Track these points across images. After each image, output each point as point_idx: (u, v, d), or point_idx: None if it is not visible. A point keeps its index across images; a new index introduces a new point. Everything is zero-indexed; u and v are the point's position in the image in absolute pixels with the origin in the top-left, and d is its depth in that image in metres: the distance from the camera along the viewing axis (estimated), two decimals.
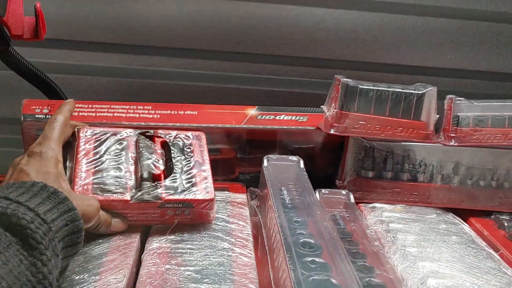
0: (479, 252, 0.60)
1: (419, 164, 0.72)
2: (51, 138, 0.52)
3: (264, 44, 0.98)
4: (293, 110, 0.76)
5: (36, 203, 0.40)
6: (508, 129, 0.69)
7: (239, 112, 0.73)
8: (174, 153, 0.59)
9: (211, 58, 0.98)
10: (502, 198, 0.71)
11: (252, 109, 0.75)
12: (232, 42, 0.97)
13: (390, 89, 0.70)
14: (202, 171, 0.58)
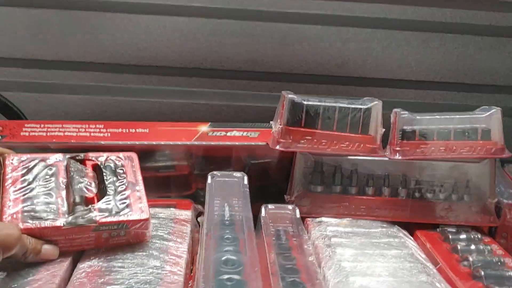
0: (415, 266, 0.60)
1: (367, 177, 0.73)
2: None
3: (231, 60, 0.99)
4: (246, 126, 0.77)
5: None
6: (452, 141, 0.70)
7: (191, 129, 0.75)
8: (106, 175, 0.61)
9: (179, 74, 1.00)
10: (448, 210, 0.71)
11: (204, 126, 0.76)
12: (199, 58, 0.99)
13: (337, 105, 0.71)
14: (136, 191, 0.60)
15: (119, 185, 0.60)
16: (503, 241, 0.73)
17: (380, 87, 1.05)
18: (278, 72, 1.04)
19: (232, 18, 0.98)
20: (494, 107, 0.71)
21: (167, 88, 1.02)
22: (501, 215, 0.73)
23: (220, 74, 1.02)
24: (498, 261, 0.63)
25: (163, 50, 0.99)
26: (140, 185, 0.61)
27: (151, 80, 1.02)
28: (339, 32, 1.00)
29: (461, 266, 0.62)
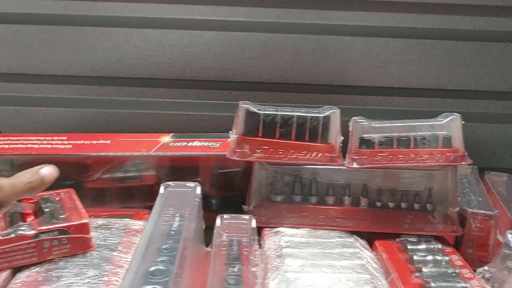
0: (362, 277, 0.59)
1: (327, 187, 0.72)
2: None
3: (210, 70, 1.00)
4: (209, 137, 0.78)
5: None
6: (412, 149, 0.68)
7: (152, 140, 0.76)
8: (43, 203, 0.62)
9: (159, 86, 1.01)
10: (410, 220, 0.69)
11: (167, 136, 0.77)
12: (178, 69, 0.99)
13: (294, 113, 0.71)
14: (73, 207, 0.61)
15: (58, 206, 0.61)
16: (470, 251, 0.71)
17: (362, 95, 1.03)
18: (259, 81, 1.03)
19: (209, 29, 0.98)
20: (454, 114, 0.69)
21: (148, 99, 1.03)
22: (466, 224, 0.71)
23: (200, 85, 1.02)
24: (453, 273, 0.61)
25: (143, 62, 1.00)
26: (78, 202, 0.62)
27: (133, 92, 1.03)
28: (318, 40, 1.00)
29: (413, 278, 0.61)
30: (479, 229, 0.70)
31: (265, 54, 0.99)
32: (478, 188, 0.80)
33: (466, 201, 0.75)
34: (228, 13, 0.95)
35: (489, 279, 0.62)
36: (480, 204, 0.73)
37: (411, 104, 1.04)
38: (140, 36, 0.98)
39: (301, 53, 1.00)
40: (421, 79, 1.01)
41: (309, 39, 0.99)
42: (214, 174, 0.82)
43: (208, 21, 0.96)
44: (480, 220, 0.70)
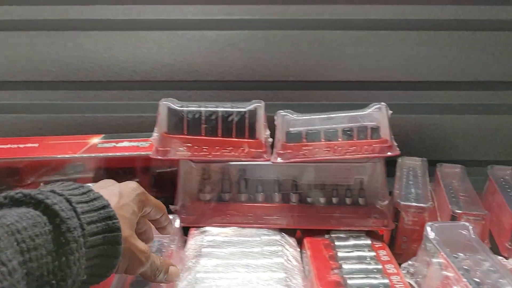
0: (275, 276, 0.56)
1: (256, 184, 0.69)
2: (151, 201, 0.53)
3: (160, 71, 0.98)
4: (139, 136, 0.76)
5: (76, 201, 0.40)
6: (339, 142, 0.66)
7: (81, 142, 0.74)
8: None
9: (112, 88, 1.00)
10: (339, 215, 0.67)
11: (97, 138, 0.75)
12: (129, 71, 0.98)
13: (218, 109, 0.69)
14: None
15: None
16: (404, 245, 0.68)
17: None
18: (211, 80, 1.01)
19: (158, 29, 0.97)
20: (381, 104, 0.66)
21: (101, 102, 1.02)
22: (399, 218, 0.68)
23: (152, 86, 1.01)
24: (374, 268, 0.58)
25: (93, 65, 0.99)
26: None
27: (85, 95, 1.02)
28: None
29: (331, 275, 0.58)
30: (412, 223, 0.67)
31: (214, 53, 0.97)
32: (421, 181, 0.77)
33: (405, 194, 0.72)
34: (177, 12, 0.93)
35: (413, 273, 0.59)
36: (417, 196, 0.70)
37: (368, 97, 1.01)
38: (89, 39, 0.97)
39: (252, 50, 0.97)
40: (376, 72, 0.98)
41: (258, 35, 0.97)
42: (153, 175, 0.80)
43: (159, 21, 0.95)
44: (413, 213, 0.67)
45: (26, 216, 0.36)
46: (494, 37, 0.96)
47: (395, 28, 0.96)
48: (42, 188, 0.40)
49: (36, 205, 0.37)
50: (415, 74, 0.97)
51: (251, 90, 0.99)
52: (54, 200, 0.38)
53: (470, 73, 0.97)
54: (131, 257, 0.47)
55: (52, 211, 0.37)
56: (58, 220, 0.37)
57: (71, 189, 0.41)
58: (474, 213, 0.67)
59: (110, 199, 0.44)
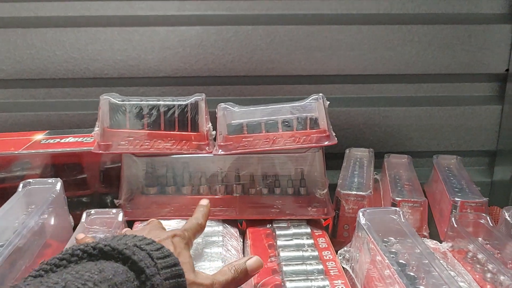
0: (213, 265, 0.58)
1: (200, 176, 0.70)
2: (192, 234, 0.56)
3: (113, 68, 0.98)
4: (85, 132, 0.76)
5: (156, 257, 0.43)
6: (279, 133, 0.67)
7: (24, 138, 0.74)
8: None
9: (64, 85, 0.99)
10: (281, 205, 0.68)
11: (41, 134, 0.75)
12: (81, 68, 0.97)
13: (160, 102, 0.69)
14: None
15: None
16: (346, 233, 0.70)
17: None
18: (165, 76, 1.01)
19: (111, 25, 0.97)
20: (318, 94, 0.67)
21: (54, 100, 1.01)
22: (340, 207, 0.69)
23: (104, 83, 1.00)
24: (310, 255, 0.59)
25: (44, 62, 0.98)
26: None
27: (37, 93, 1.01)
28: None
29: (268, 262, 0.59)
30: (353, 211, 0.68)
31: (166, 48, 0.97)
32: (367, 170, 0.79)
33: (347, 183, 0.73)
34: (128, 8, 0.93)
35: (349, 259, 0.60)
36: (359, 185, 0.72)
37: (319, 91, 1.02)
38: (40, 37, 0.96)
39: (204, 45, 0.98)
40: (327, 66, 0.99)
41: (210, 31, 0.97)
42: (101, 170, 0.80)
43: (108, 18, 0.95)
44: (353, 201, 0.68)
45: (118, 271, 0.38)
46: (440, 31, 0.98)
47: (346, 23, 0.98)
48: (125, 240, 0.43)
49: (124, 260, 0.40)
50: (365, 67, 0.99)
51: (204, 85, 1.00)
52: (140, 257, 0.41)
53: (417, 67, 0.99)
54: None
55: (139, 267, 0.40)
56: (143, 276, 0.40)
57: (148, 244, 0.44)
58: (412, 200, 0.69)
59: (169, 249, 0.47)
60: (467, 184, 0.76)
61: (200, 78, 0.99)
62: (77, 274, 0.36)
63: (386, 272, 0.49)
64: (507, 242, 0.60)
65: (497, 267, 0.55)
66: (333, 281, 0.53)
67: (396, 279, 0.46)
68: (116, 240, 0.43)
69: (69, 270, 0.37)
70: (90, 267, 0.38)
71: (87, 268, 0.38)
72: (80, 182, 0.79)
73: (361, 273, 0.55)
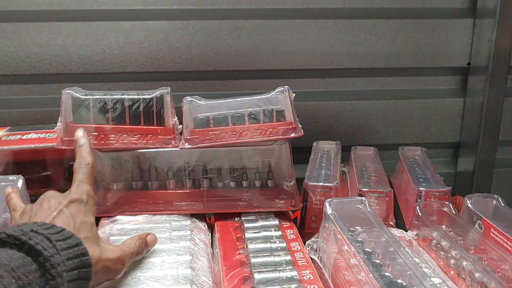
0: (181, 259, 0.57)
1: (167, 171, 0.69)
2: (87, 183, 0.54)
3: (76, 63, 0.96)
4: (47, 128, 0.74)
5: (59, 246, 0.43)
6: (245, 125, 0.67)
7: None
8: None
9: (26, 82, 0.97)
10: (248, 198, 0.68)
11: (1, 131, 0.73)
12: (42, 64, 0.95)
13: (124, 96, 0.68)
14: None
15: None
16: (314, 225, 0.70)
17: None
18: (136, 71, 1.00)
19: (74, 20, 0.95)
20: (284, 87, 0.67)
21: (16, 97, 0.98)
22: (307, 199, 0.69)
23: (66, 78, 0.98)
24: (278, 247, 0.59)
25: (8, 57, 0.95)
26: None
27: None
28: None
29: (236, 255, 0.59)
30: (320, 202, 0.69)
31: (136, 42, 0.96)
32: (334, 162, 0.79)
33: (315, 175, 0.74)
34: (92, 2, 0.91)
35: (316, 249, 0.60)
36: (326, 177, 0.72)
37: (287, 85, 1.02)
38: None
39: (170, 40, 0.97)
40: (294, 61, 0.99)
41: (176, 25, 0.96)
42: (65, 167, 0.78)
43: (71, 12, 0.93)
44: (320, 193, 0.69)
45: (13, 257, 0.39)
46: (404, 25, 1.00)
47: (312, 17, 0.98)
48: (22, 227, 0.42)
49: (20, 246, 0.40)
50: (332, 62, 0.99)
51: (170, 81, 0.99)
52: (36, 240, 0.41)
53: (382, 61, 1.01)
54: (108, 271, 0.50)
55: (35, 251, 0.40)
56: (41, 258, 0.40)
57: (47, 228, 0.44)
58: (379, 190, 0.69)
59: (68, 225, 0.47)
60: (431, 175, 0.77)
61: (167, 73, 0.98)
62: None
63: (353, 261, 0.50)
64: (469, 229, 0.62)
65: (459, 253, 0.56)
66: (301, 271, 0.54)
67: (362, 266, 0.46)
68: (13, 227, 0.43)
69: None
70: None
71: None
72: (44, 179, 0.77)
73: (329, 262, 0.56)
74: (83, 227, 0.49)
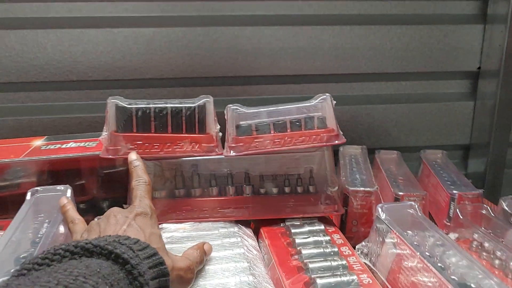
0: (239, 266, 0.58)
1: (210, 178, 0.70)
2: (148, 198, 0.56)
3: (97, 69, 0.96)
4: (85, 136, 0.74)
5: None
6: (288, 133, 0.68)
7: (23, 145, 0.71)
8: None
9: (45, 89, 0.96)
10: (293, 204, 0.69)
11: (39, 140, 0.72)
12: (63, 70, 0.94)
13: (167, 105, 0.68)
14: None
15: None
16: (354, 229, 0.72)
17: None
18: (150, 78, 1.00)
19: (94, 27, 0.94)
20: (325, 94, 0.69)
21: (36, 104, 0.97)
22: (348, 203, 0.71)
23: (88, 85, 0.98)
24: (331, 251, 0.61)
25: (23, 65, 0.94)
26: None
27: (16, 97, 0.97)
28: (207, 32, 0.98)
29: (292, 260, 0.60)
30: (361, 206, 0.71)
31: (157, 49, 0.96)
32: (364, 167, 0.81)
33: (351, 180, 0.75)
34: (112, 9, 0.91)
35: (367, 253, 0.62)
36: (363, 182, 0.74)
37: (304, 90, 1.04)
38: (19, 38, 0.92)
39: (190, 46, 0.97)
40: (311, 66, 1.01)
41: (196, 32, 0.97)
42: (100, 175, 0.78)
43: (91, 19, 0.92)
44: (361, 197, 0.70)
45: (103, 265, 0.39)
46: (417, 31, 1.03)
47: (328, 23, 1.00)
48: (106, 238, 0.44)
49: (106, 256, 0.41)
50: (348, 67, 1.02)
51: (190, 87, 1.00)
52: (122, 249, 0.42)
53: (396, 65, 1.03)
54: (181, 280, 0.51)
55: (123, 259, 0.41)
56: (129, 266, 0.41)
57: (126, 239, 0.45)
58: (415, 194, 0.72)
59: (139, 236, 0.48)
60: (457, 177, 0.80)
61: (186, 79, 0.99)
62: (65, 271, 0.37)
63: (414, 264, 0.51)
64: (508, 229, 0.64)
65: (506, 254, 0.58)
66: (359, 275, 0.55)
67: (432, 269, 0.48)
68: (96, 238, 0.44)
69: (56, 268, 0.38)
70: (76, 264, 0.39)
71: (74, 265, 0.38)
72: (79, 188, 0.77)
73: (384, 266, 0.57)
74: (153, 238, 0.50)
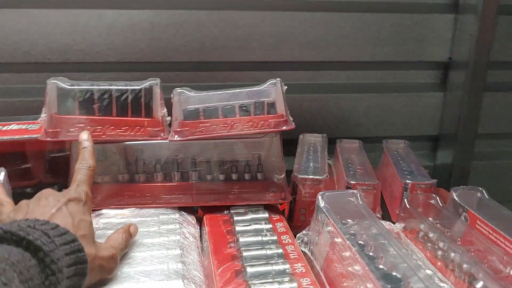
0: (171, 253, 0.56)
1: (155, 163, 0.68)
2: (87, 184, 0.54)
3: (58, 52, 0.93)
4: (29, 119, 0.72)
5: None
6: (236, 118, 0.66)
7: None
8: None
9: None
10: (238, 191, 0.67)
11: None
12: (20, 52, 0.92)
13: (111, 87, 0.66)
14: None
15: None
16: (303, 217, 0.70)
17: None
18: (112, 61, 0.98)
19: (55, 7, 0.92)
20: (276, 79, 0.67)
21: None
22: (297, 192, 0.69)
23: (49, 68, 0.96)
24: (269, 240, 0.59)
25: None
26: None
27: None
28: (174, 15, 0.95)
29: (227, 248, 0.58)
30: (309, 195, 0.69)
31: (120, 32, 0.94)
32: (321, 156, 0.80)
33: (304, 168, 0.74)
34: None
35: (307, 242, 0.61)
36: (314, 170, 0.73)
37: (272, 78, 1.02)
38: None
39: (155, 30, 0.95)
40: (280, 53, 0.99)
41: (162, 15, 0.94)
42: (46, 159, 0.76)
43: None
44: (310, 185, 0.69)
45: (12, 252, 0.38)
46: (388, 19, 1.01)
47: (299, 9, 0.98)
48: (18, 223, 0.42)
49: (18, 242, 0.40)
50: (317, 54, 0.99)
51: (154, 71, 0.96)
52: (35, 236, 0.40)
53: (366, 54, 1.01)
54: (103, 270, 0.50)
55: (35, 246, 0.40)
56: (41, 253, 0.40)
57: (43, 224, 0.43)
58: (366, 183, 0.70)
59: (66, 222, 0.47)
60: (416, 167, 0.78)
61: (151, 63, 0.97)
62: None
63: (347, 254, 0.50)
64: (455, 220, 0.63)
65: (447, 245, 0.57)
66: (293, 264, 0.54)
67: (358, 259, 0.47)
68: (9, 223, 0.42)
69: None
70: None
71: None
72: (24, 171, 0.75)
73: (320, 255, 0.56)
74: (82, 225, 0.49)
